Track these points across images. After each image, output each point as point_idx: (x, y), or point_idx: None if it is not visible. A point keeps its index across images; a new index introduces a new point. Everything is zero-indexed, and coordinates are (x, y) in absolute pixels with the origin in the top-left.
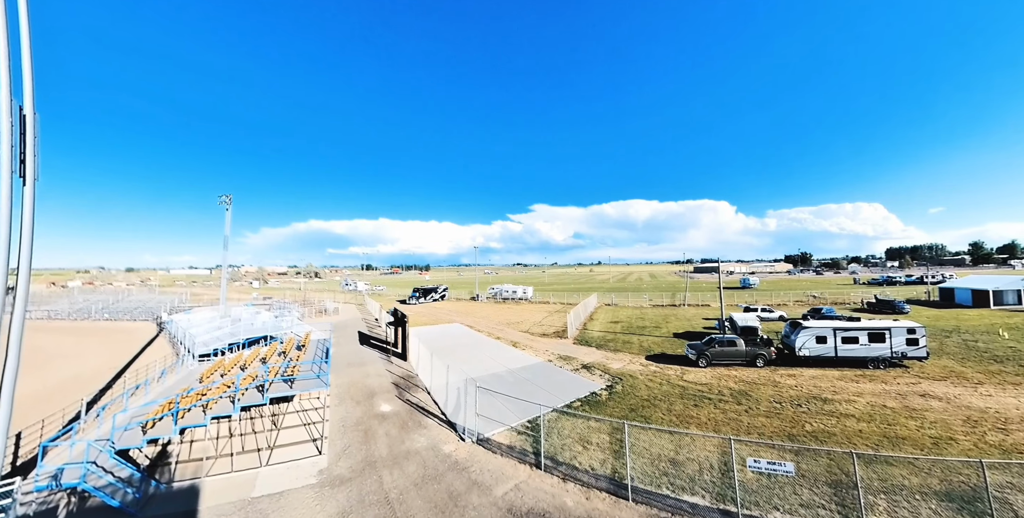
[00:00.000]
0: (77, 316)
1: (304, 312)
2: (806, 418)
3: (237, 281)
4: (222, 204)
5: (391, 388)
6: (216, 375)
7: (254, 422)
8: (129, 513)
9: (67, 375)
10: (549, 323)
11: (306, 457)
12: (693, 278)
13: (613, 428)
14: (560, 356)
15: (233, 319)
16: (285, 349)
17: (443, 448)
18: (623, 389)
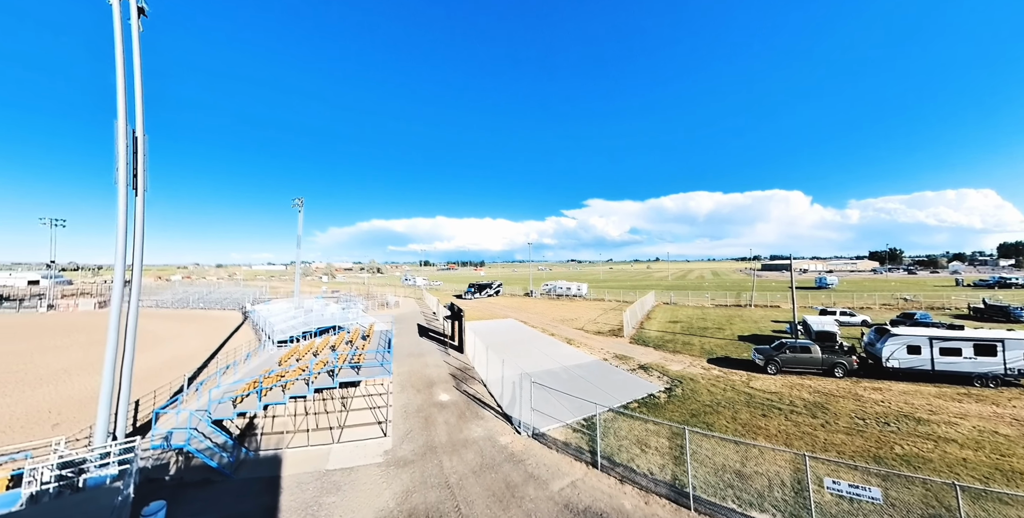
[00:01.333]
0: (178, 305)
1: (368, 305)
2: (895, 439)
3: (308, 276)
4: (295, 207)
5: (449, 379)
6: (292, 359)
7: (326, 403)
8: (225, 474)
9: (172, 354)
10: (604, 321)
11: (372, 438)
12: (760, 276)
13: (673, 433)
14: (616, 355)
15: (306, 310)
16: (352, 338)
17: (499, 439)
18: (683, 393)
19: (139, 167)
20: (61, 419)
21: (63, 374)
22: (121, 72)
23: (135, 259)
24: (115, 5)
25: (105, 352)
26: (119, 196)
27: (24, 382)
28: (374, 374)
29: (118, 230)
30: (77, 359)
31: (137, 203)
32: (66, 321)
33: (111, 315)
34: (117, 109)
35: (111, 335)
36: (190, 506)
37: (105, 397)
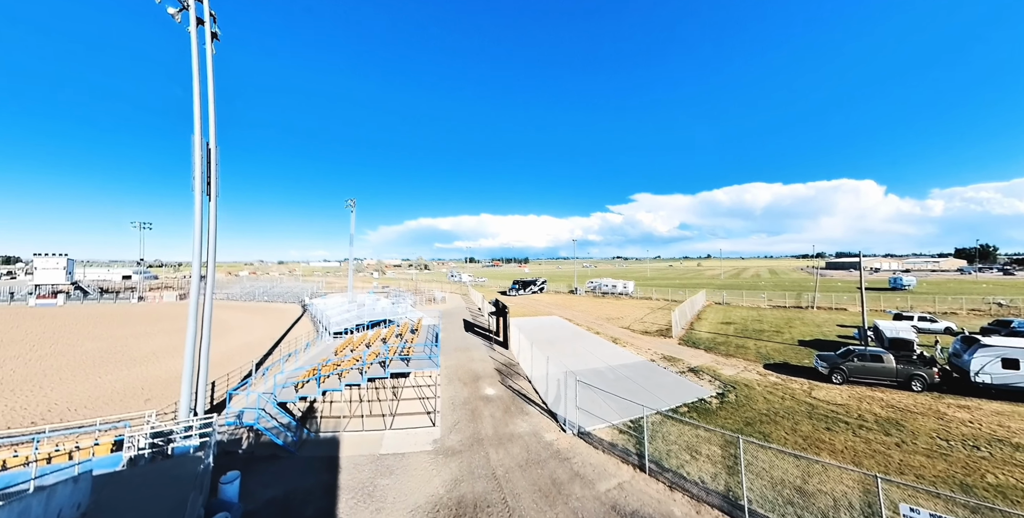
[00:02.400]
0: (246, 298)
1: (416, 300)
2: (987, 466)
3: (360, 272)
4: (348, 207)
5: (494, 373)
6: (347, 350)
7: (378, 392)
8: (289, 451)
9: (241, 341)
10: (651, 320)
11: (422, 427)
12: (824, 275)
13: (726, 441)
14: (664, 356)
15: (359, 304)
16: (401, 332)
17: (545, 436)
18: (737, 399)
19: (212, 175)
20: (151, 395)
21: (152, 357)
22: (197, 91)
23: (209, 257)
24: (192, 33)
25: (186, 338)
26: (195, 201)
27: (121, 363)
28: (423, 366)
29: (195, 231)
30: (163, 344)
31: (210, 207)
32: (153, 311)
33: (190, 306)
34: (194, 124)
35: (190, 324)
36: (260, 478)
37: (187, 378)
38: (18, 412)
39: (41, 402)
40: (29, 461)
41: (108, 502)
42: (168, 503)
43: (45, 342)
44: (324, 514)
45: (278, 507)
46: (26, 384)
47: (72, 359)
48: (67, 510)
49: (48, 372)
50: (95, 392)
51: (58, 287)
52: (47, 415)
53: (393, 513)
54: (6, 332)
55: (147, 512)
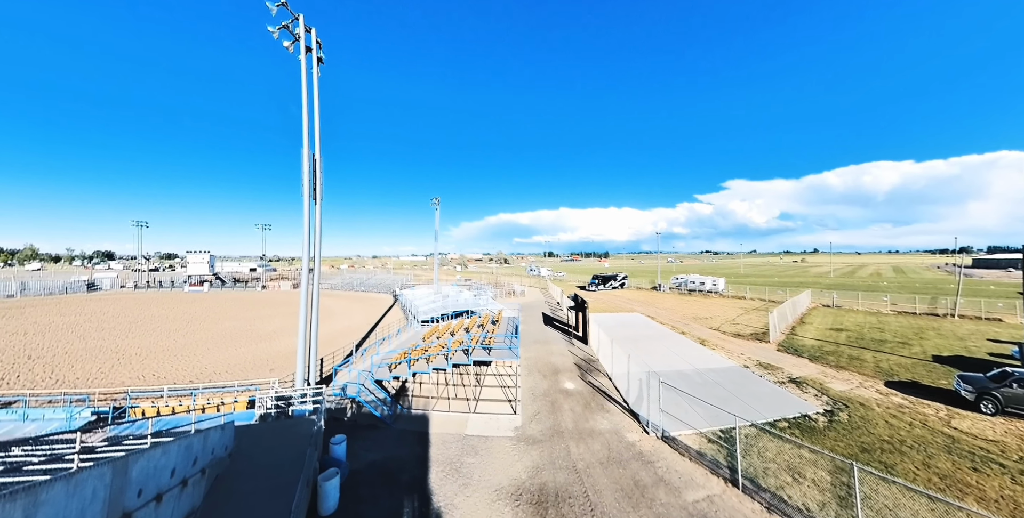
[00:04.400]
0: (345, 288)
1: (496, 293)
2: None
3: (444, 266)
4: (433, 205)
5: (573, 368)
6: (434, 337)
7: (462, 377)
8: (386, 423)
9: (343, 325)
10: (745, 322)
11: (503, 413)
12: (970, 275)
13: (836, 467)
14: (759, 363)
15: (443, 295)
16: (482, 322)
17: (626, 436)
18: (850, 420)
19: (317, 182)
20: (274, 366)
21: (274, 335)
22: (305, 110)
23: (315, 252)
24: (303, 61)
25: (299, 321)
26: (304, 205)
27: (250, 339)
28: (503, 356)
29: (304, 230)
30: (282, 325)
31: (316, 210)
32: (273, 297)
33: (301, 294)
34: (303, 138)
35: (302, 309)
36: (362, 443)
37: (300, 353)
38: (180, 372)
39: (195, 366)
40: (189, 410)
41: (246, 448)
42: (291, 454)
43: (196, 320)
44: (418, 481)
45: (378, 470)
46: (184, 352)
47: (215, 334)
48: (218, 450)
49: (199, 342)
50: (232, 361)
51: (204, 277)
52: (200, 375)
53: (479, 489)
54: (170, 311)
55: (276, 458)
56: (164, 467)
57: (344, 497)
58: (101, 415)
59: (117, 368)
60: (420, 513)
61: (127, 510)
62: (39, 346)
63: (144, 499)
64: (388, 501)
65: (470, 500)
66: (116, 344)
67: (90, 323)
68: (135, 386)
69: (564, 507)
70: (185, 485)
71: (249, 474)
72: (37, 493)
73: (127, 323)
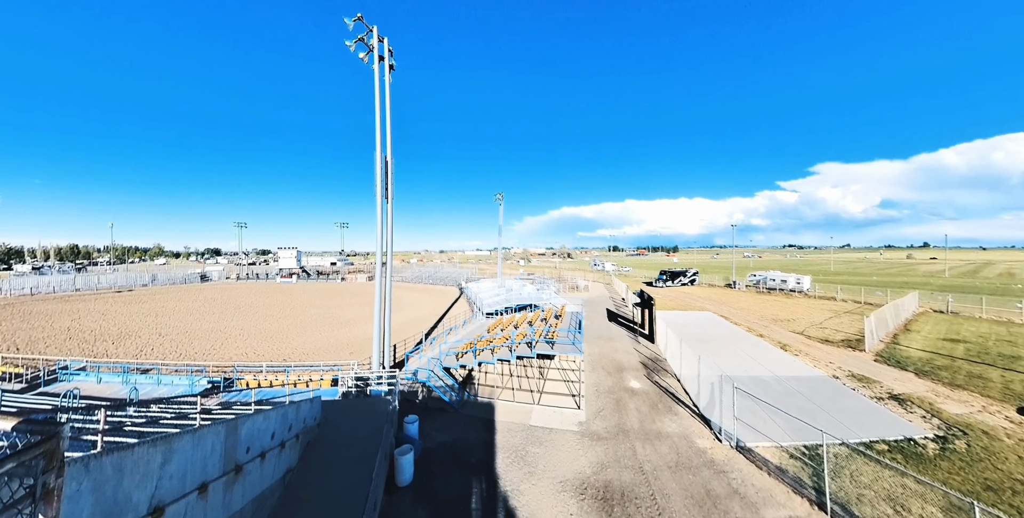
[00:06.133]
0: (415, 281)
1: (559, 287)
2: None
3: (508, 260)
4: (496, 201)
5: (639, 367)
6: (498, 329)
7: (526, 369)
8: (454, 408)
9: (413, 315)
10: (834, 327)
11: (567, 407)
12: None
13: (951, 504)
14: (851, 374)
15: (507, 289)
16: (546, 316)
17: (696, 442)
18: (970, 449)
19: (389, 182)
20: (353, 349)
21: (352, 322)
22: (378, 115)
23: (388, 247)
24: (376, 70)
25: (374, 310)
26: (377, 204)
27: (332, 325)
28: (566, 351)
29: (377, 227)
30: (359, 313)
31: (388, 208)
32: (351, 288)
33: (376, 286)
34: (375, 141)
35: (376, 299)
36: (433, 424)
37: (376, 339)
38: (275, 351)
39: (287, 347)
40: (283, 384)
41: (331, 420)
42: (371, 428)
43: (287, 307)
44: (485, 464)
45: (448, 450)
46: (279, 334)
47: (303, 319)
48: (309, 420)
49: (290, 327)
50: (317, 344)
51: (292, 270)
52: (291, 355)
53: (544, 479)
54: (265, 299)
55: (358, 432)
56: (265, 430)
57: (418, 472)
58: (215, 384)
59: (226, 345)
60: (488, 494)
61: (239, 463)
62: (166, 325)
63: (251, 455)
64: (458, 479)
65: (536, 488)
66: (224, 325)
67: (203, 308)
68: (240, 361)
69: (630, 507)
70: (283, 447)
71: (335, 443)
72: (171, 442)
73: (232, 308)
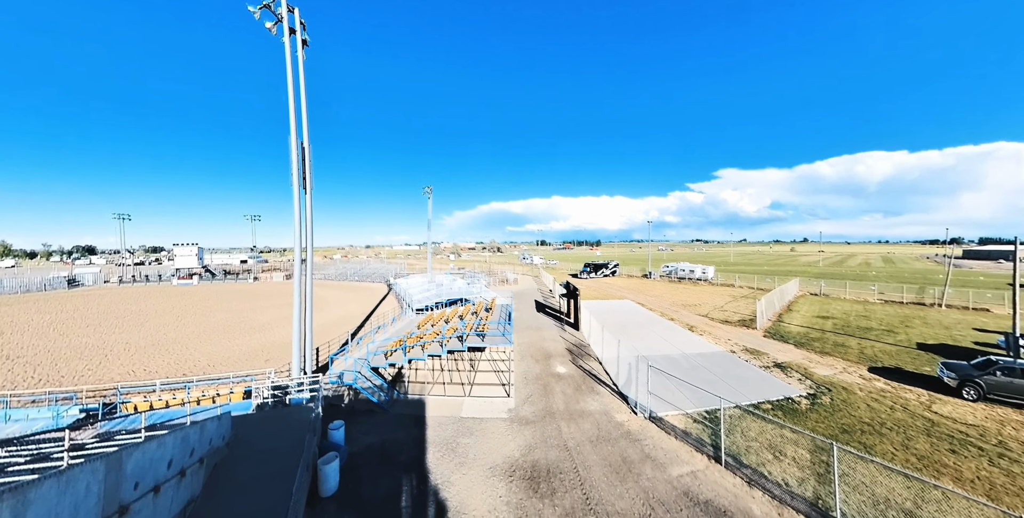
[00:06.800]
0: (339, 278)
1: (489, 281)
2: None
3: (438, 254)
4: (425, 194)
5: (565, 353)
6: (428, 325)
7: (457, 363)
8: (383, 408)
9: (338, 315)
10: (733, 309)
11: (497, 397)
12: (960, 266)
13: (816, 446)
14: (746, 348)
15: (437, 284)
16: (476, 310)
17: (615, 416)
18: (832, 403)
19: (307, 171)
20: (270, 356)
21: (267, 326)
22: (292, 95)
23: (308, 242)
24: (287, 43)
25: (293, 311)
26: (294, 195)
27: (244, 330)
28: (497, 342)
29: (295, 221)
30: (276, 316)
31: (307, 199)
32: (266, 289)
33: (294, 285)
34: (290, 125)
35: (296, 299)
36: (360, 427)
37: (296, 343)
38: (172, 366)
39: (188, 359)
40: (184, 402)
41: (244, 436)
42: (290, 440)
43: (187, 313)
44: (415, 461)
45: (376, 452)
46: (176, 345)
47: (207, 327)
48: (215, 440)
49: (191, 336)
50: (226, 353)
51: (192, 270)
52: (193, 368)
53: (474, 467)
54: (159, 305)
55: (275, 445)
56: (160, 459)
57: (344, 479)
58: (90, 412)
59: (105, 365)
60: (418, 490)
61: (124, 503)
62: (18, 345)
63: (141, 491)
64: (387, 480)
65: (466, 477)
66: (102, 340)
67: (73, 320)
68: (126, 381)
69: (555, 481)
70: (183, 475)
71: (249, 461)
72: (25, 492)
73: (113, 319)
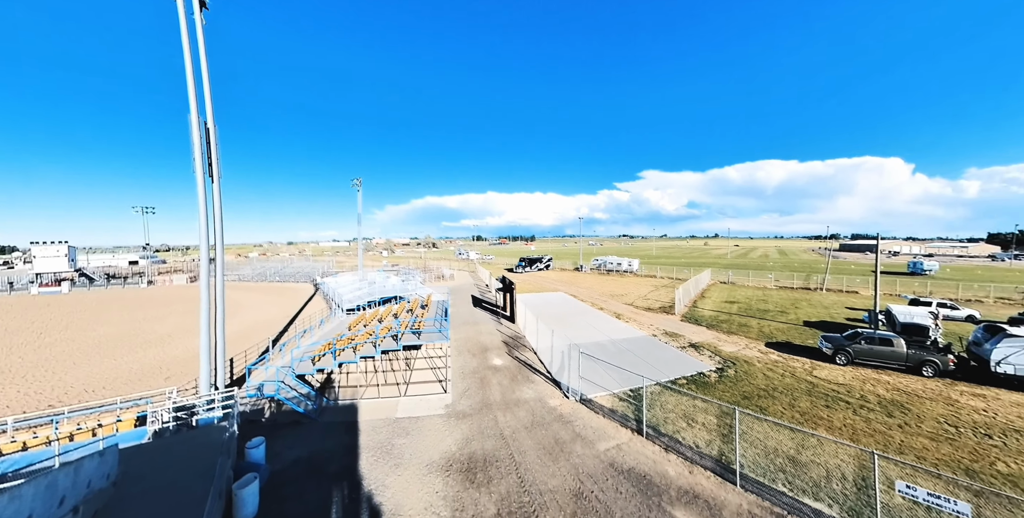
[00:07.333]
0: (257, 279)
1: (425, 277)
2: (998, 454)
3: (370, 251)
4: (354, 186)
5: (502, 346)
6: (361, 325)
7: (392, 363)
8: (310, 418)
9: (255, 320)
10: (655, 298)
11: (434, 394)
12: (837, 257)
13: (722, 412)
14: (665, 332)
15: (369, 282)
16: (412, 307)
17: (549, 402)
18: (736, 374)
19: (213, 156)
20: (171, 373)
21: (167, 338)
22: (189, 66)
23: (217, 239)
24: (179, 4)
25: (200, 319)
26: (198, 183)
27: (138, 345)
28: (433, 339)
29: (200, 214)
30: (177, 325)
31: (214, 189)
32: (164, 294)
33: (201, 288)
34: (189, 102)
35: (203, 305)
36: (284, 441)
37: (204, 355)
38: (32, 397)
39: (56, 386)
40: (51, 440)
41: (138, 471)
42: (197, 468)
43: (54, 328)
44: (347, 469)
45: (303, 465)
46: (38, 370)
47: (85, 343)
48: (96, 481)
49: (60, 357)
50: (112, 373)
51: (61, 275)
52: (64, 397)
53: (410, 467)
54: (12, 320)
55: (179, 475)
56: (15, 516)
57: (266, 499)
58: None
59: None
60: (350, 499)
61: None
62: None
63: None
64: (315, 494)
65: (401, 478)
66: None
67: None
68: None
69: (491, 469)
70: None
71: (144, 499)
72: None
73: None
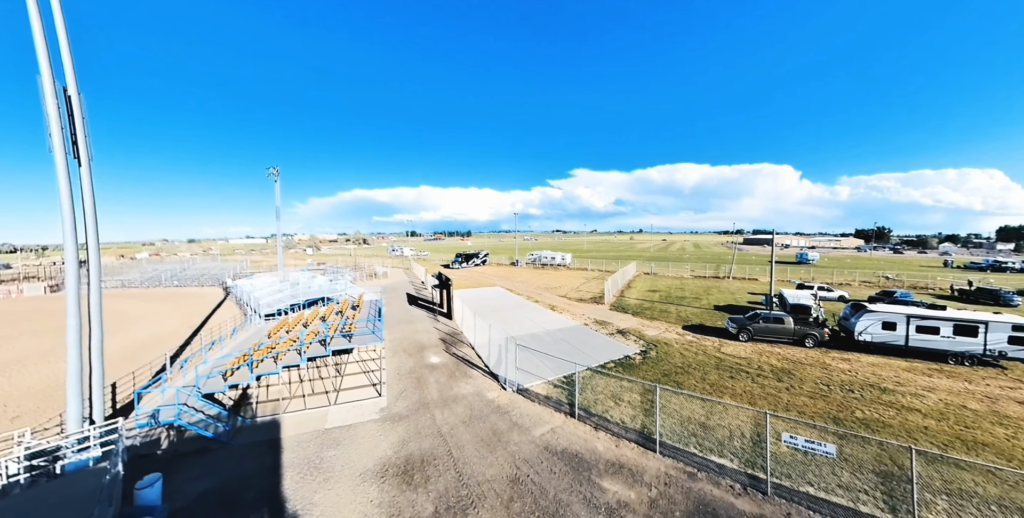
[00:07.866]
0: (148, 284)
1: (356, 276)
2: (857, 405)
3: (292, 249)
4: (270, 176)
5: (439, 343)
6: (282, 331)
7: (320, 370)
8: (221, 442)
9: (147, 334)
10: (586, 289)
11: (368, 398)
12: (741, 250)
13: (645, 389)
14: (596, 321)
15: (292, 283)
16: (341, 309)
17: (487, 395)
18: (657, 355)
19: (78, 133)
20: (21, 411)
21: (16, 365)
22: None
23: (88, 237)
24: None
25: (67, 337)
26: (58, 167)
27: None
28: (366, 341)
29: (62, 206)
30: (31, 348)
31: (82, 174)
32: (10, 310)
33: (68, 298)
34: (39, 61)
35: (71, 319)
36: (188, 474)
37: (74, 382)
38: None
39: None
40: None
41: None
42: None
43: None
44: (267, 494)
45: (213, 498)
46: None
47: None
48: None
49: None
50: None
51: None
52: None
53: (341, 480)
54: None
55: None
56: None
57: None
58: None
59: None
60: None
61: None
62: None
63: None
64: None
65: (332, 492)
66: None
67: None
68: None
69: (429, 469)
70: None
71: None
72: None
73: None
